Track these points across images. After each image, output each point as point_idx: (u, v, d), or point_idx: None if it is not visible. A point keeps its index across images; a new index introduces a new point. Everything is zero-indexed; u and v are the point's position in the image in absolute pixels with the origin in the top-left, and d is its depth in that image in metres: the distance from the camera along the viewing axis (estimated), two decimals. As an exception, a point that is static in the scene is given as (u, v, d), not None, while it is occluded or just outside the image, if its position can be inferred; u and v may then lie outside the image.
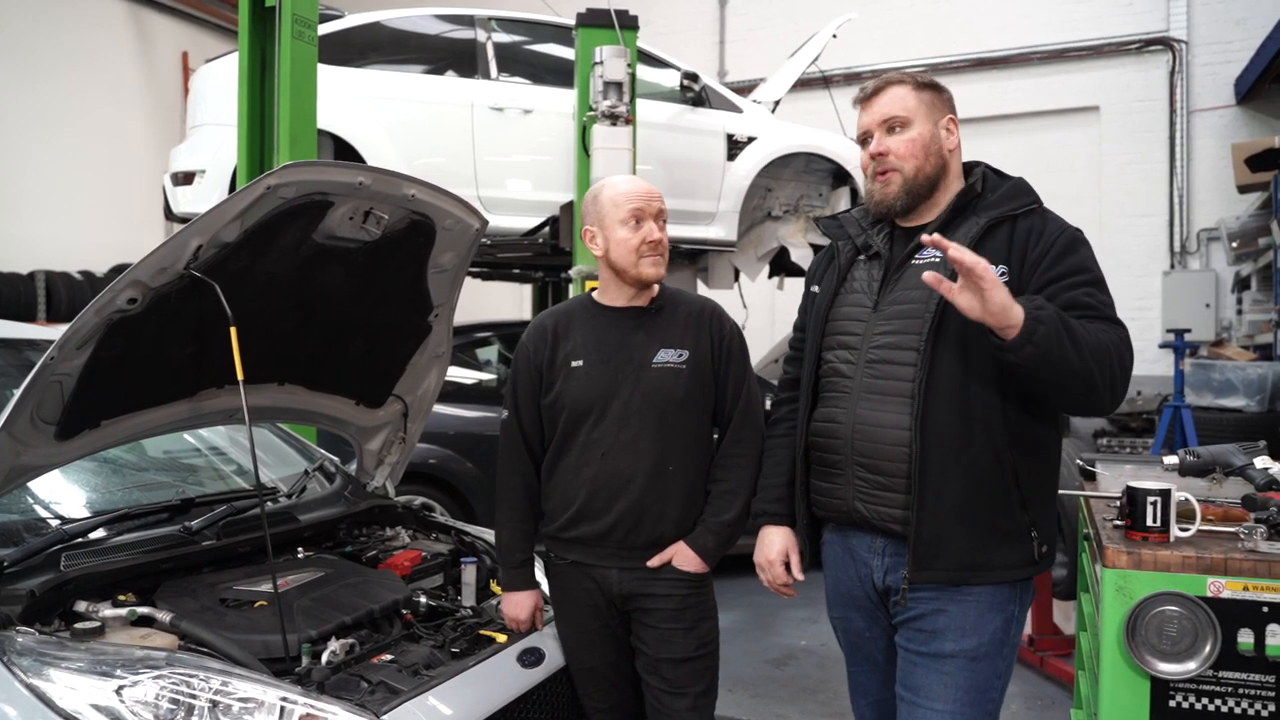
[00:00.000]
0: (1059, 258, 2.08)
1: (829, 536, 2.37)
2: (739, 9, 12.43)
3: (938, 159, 2.21)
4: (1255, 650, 2.06)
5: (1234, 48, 10.13)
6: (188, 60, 11.94)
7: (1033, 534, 2.14)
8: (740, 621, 5.66)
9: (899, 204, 2.21)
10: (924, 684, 2.14)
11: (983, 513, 2.09)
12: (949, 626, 2.12)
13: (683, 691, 2.50)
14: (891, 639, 2.26)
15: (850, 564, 2.29)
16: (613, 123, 5.78)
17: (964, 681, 2.11)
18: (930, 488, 2.08)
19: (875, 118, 2.23)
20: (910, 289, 2.17)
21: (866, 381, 2.19)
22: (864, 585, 2.27)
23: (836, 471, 2.24)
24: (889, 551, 2.20)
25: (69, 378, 2.22)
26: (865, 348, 2.20)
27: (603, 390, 2.50)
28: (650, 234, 2.51)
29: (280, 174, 2.27)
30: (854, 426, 2.18)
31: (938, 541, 2.09)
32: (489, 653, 2.48)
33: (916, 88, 2.22)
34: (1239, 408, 7.27)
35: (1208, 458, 2.72)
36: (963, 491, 2.08)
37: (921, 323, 2.11)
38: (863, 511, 2.20)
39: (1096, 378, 1.98)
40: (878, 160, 2.23)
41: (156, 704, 1.90)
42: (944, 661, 2.12)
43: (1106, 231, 10.55)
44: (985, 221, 2.12)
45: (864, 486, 2.18)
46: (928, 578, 2.11)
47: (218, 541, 2.64)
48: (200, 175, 6.02)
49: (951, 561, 2.10)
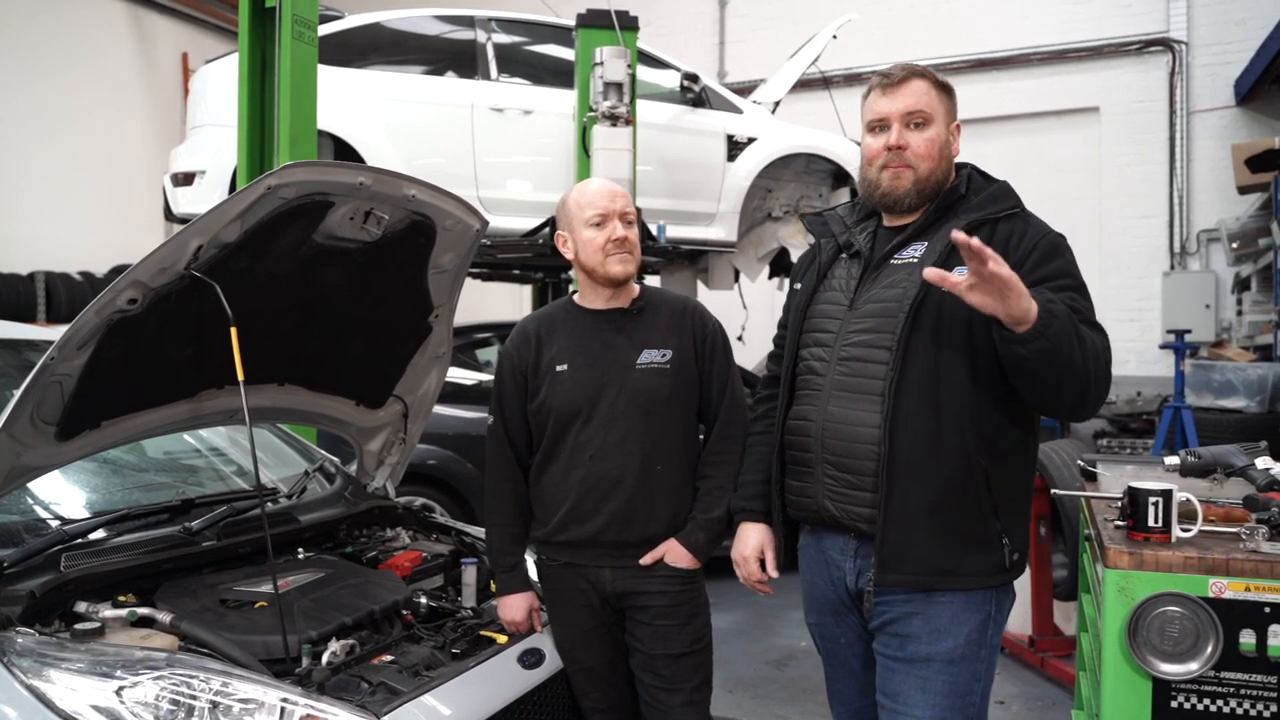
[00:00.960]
0: (1041, 262, 2.06)
1: (804, 539, 2.36)
2: (739, 10, 12.43)
3: (947, 164, 2.20)
4: (1257, 651, 2.05)
5: (1234, 48, 10.12)
6: (188, 61, 11.93)
7: (1004, 541, 2.12)
8: (740, 622, 5.66)
9: (907, 201, 2.17)
10: (902, 690, 2.12)
11: (952, 516, 2.07)
12: (922, 630, 2.10)
13: (677, 687, 2.51)
14: (868, 645, 2.24)
15: (824, 567, 2.27)
16: (613, 123, 5.78)
17: (942, 685, 2.09)
18: (898, 489, 2.06)
19: (900, 107, 2.16)
20: (887, 288, 2.15)
21: (838, 379, 2.17)
22: (836, 589, 2.25)
23: (807, 470, 2.22)
24: (860, 553, 2.18)
25: (69, 378, 2.22)
26: (838, 345, 2.19)
27: (589, 393, 2.51)
28: (614, 233, 2.52)
29: (280, 174, 2.27)
30: (824, 425, 2.17)
31: (905, 544, 2.07)
32: (489, 653, 2.48)
33: (936, 86, 2.19)
34: (1239, 408, 7.26)
35: (1209, 458, 2.72)
36: (931, 494, 2.06)
37: (895, 321, 2.09)
38: (832, 510, 2.18)
39: (1091, 382, 1.97)
40: (894, 153, 2.16)
41: (157, 705, 1.90)
42: (920, 666, 2.10)
43: (1106, 232, 10.55)
44: (965, 225, 2.07)
45: (833, 485, 2.17)
46: (894, 580, 2.09)
47: (218, 542, 2.64)
48: (200, 176, 6.02)
49: (919, 565, 2.08)
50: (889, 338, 2.10)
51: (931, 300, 2.06)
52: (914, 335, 2.07)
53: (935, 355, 2.07)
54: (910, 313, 2.07)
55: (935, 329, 2.06)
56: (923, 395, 2.06)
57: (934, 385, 2.06)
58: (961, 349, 2.06)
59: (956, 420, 2.06)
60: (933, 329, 2.06)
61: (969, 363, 2.06)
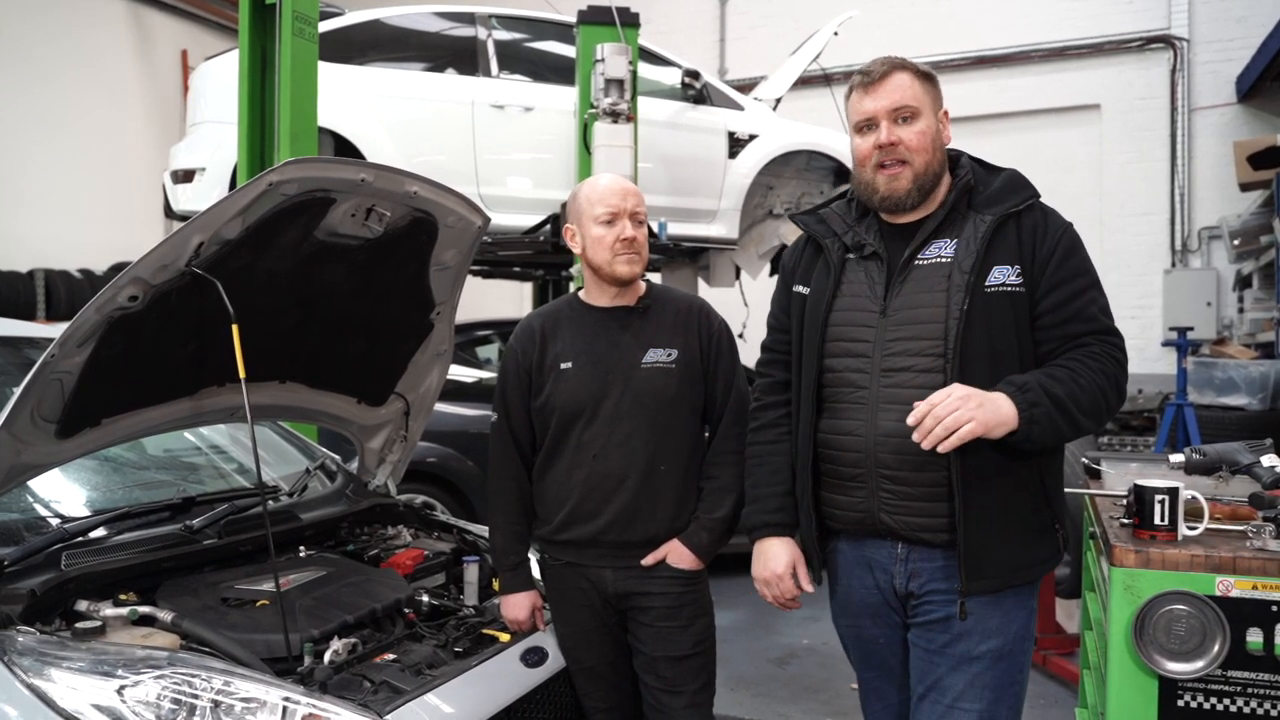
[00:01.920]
0: (1064, 259, 2.08)
1: (842, 546, 2.29)
2: (740, 7, 12.42)
3: (941, 154, 2.16)
4: (1265, 649, 2.05)
5: (1235, 46, 10.12)
6: (187, 58, 11.91)
7: (1056, 526, 2.16)
8: (742, 621, 5.65)
9: (910, 200, 2.13)
10: (951, 685, 2.12)
11: (1019, 514, 2.10)
12: (975, 628, 2.10)
13: (680, 689, 2.50)
14: (905, 643, 2.23)
15: (867, 572, 2.23)
16: (614, 120, 5.77)
17: (991, 680, 2.10)
18: (973, 499, 2.04)
19: (885, 104, 2.11)
20: (919, 292, 2.11)
21: (886, 391, 2.11)
22: (883, 592, 2.22)
23: (856, 485, 2.16)
24: (914, 558, 2.15)
25: (69, 376, 2.21)
26: (879, 356, 2.12)
27: (593, 391, 2.50)
28: (624, 232, 2.50)
29: (282, 170, 2.26)
30: (875, 439, 2.11)
31: (985, 551, 2.07)
32: (492, 652, 2.47)
33: (919, 76, 2.14)
34: (1241, 406, 7.26)
35: (1214, 456, 2.70)
36: (1002, 498, 2.07)
37: (941, 328, 2.05)
38: (889, 523, 2.14)
39: (1100, 421, 2.06)
40: (887, 150, 2.11)
41: (158, 704, 1.89)
42: (972, 663, 2.10)
43: (1108, 230, 10.54)
44: (992, 220, 2.08)
45: (890, 499, 2.12)
46: (980, 587, 2.08)
47: (219, 540, 2.63)
48: (200, 173, 6.01)
49: (999, 568, 2.09)
50: (936, 345, 2.06)
51: (978, 303, 2.04)
52: (967, 340, 2.03)
53: (991, 359, 2.04)
54: (961, 318, 2.03)
55: (988, 332, 2.04)
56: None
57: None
58: (1013, 350, 2.05)
59: None
60: (984, 332, 2.04)
61: (1019, 365, 2.05)
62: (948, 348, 2.04)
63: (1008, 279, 2.05)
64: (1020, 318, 2.05)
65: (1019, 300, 2.06)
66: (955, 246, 2.10)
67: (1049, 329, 2.07)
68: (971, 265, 2.05)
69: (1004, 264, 2.05)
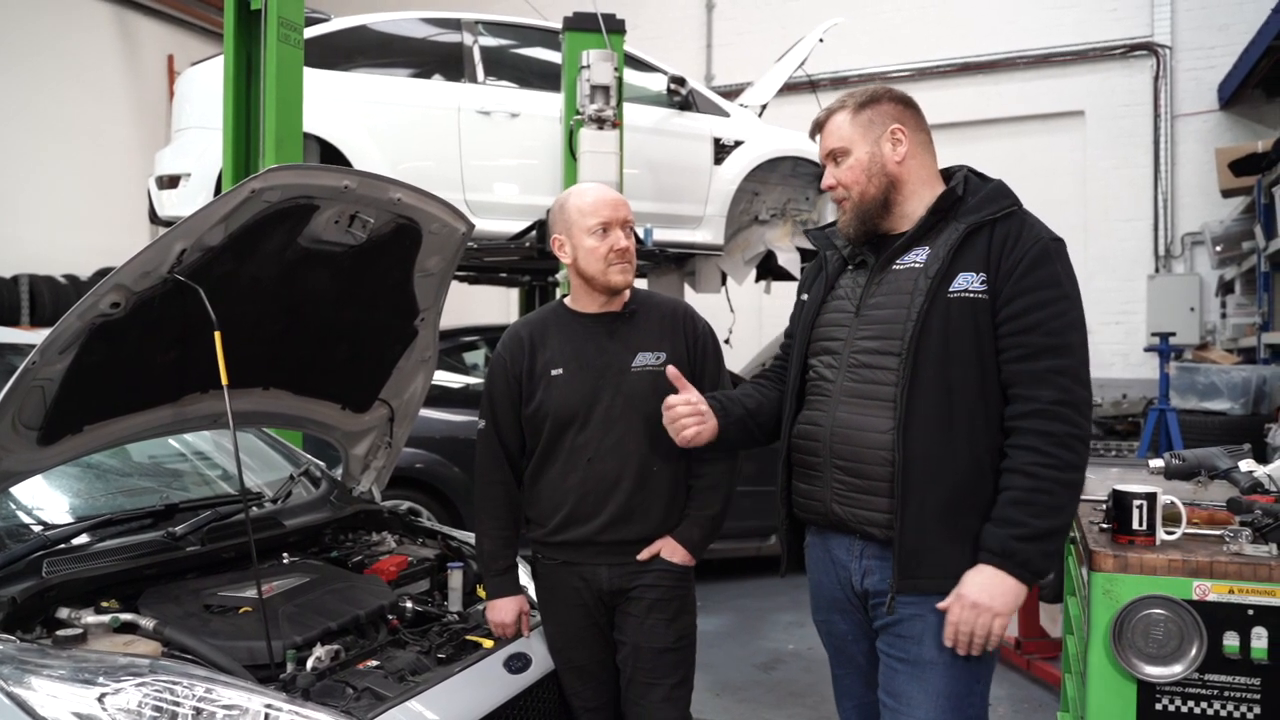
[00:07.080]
0: (1030, 269, 2.06)
1: (811, 539, 2.37)
2: (726, 13, 12.46)
3: (881, 178, 2.20)
4: (1240, 653, 2.07)
5: (1217, 53, 10.20)
6: (173, 63, 11.89)
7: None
8: (727, 626, 5.66)
9: (852, 229, 2.24)
10: (905, 691, 2.13)
11: (965, 521, 2.08)
12: (927, 632, 2.10)
13: (658, 682, 2.53)
14: (873, 642, 2.25)
15: (830, 567, 2.29)
16: (599, 126, 5.78)
17: (944, 688, 2.10)
18: (914, 496, 2.07)
19: (823, 150, 2.28)
20: (890, 294, 2.17)
21: (848, 385, 2.19)
22: (844, 589, 2.26)
23: (815, 474, 2.24)
24: (867, 554, 2.19)
25: (51, 383, 2.20)
26: (847, 352, 2.21)
27: (585, 397, 2.52)
28: (617, 243, 2.52)
29: (265, 177, 2.26)
30: (833, 429, 2.19)
31: (922, 550, 2.08)
32: (475, 658, 2.47)
33: (855, 110, 2.22)
34: (1223, 411, 7.31)
35: (1193, 461, 2.73)
36: (946, 500, 2.07)
37: (902, 328, 2.10)
38: (840, 514, 2.19)
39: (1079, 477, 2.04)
40: (831, 191, 2.28)
41: (140, 711, 1.88)
42: (924, 668, 2.11)
43: (1091, 236, 10.61)
44: (964, 228, 2.11)
45: (841, 489, 2.18)
46: (913, 586, 2.10)
47: (202, 547, 2.63)
48: (185, 179, 5.99)
49: (936, 570, 2.08)
50: (897, 344, 2.11)
51: (938, 307, 2.08)
52: (922, 342, 2.08)
53: (944, 362, 2.07)
54: (918, 320, 2.08)
55: (944, 335, 2.07)
56: (933, 401, 2.07)
57: (945, 391, 2.07)
58: (970, 355, 2.07)
59: (968, 425, 2.07)
60: (940, 335, 2.07)
61: (977, 369, 2.07)
62: (903, 348, 2.09)
63: (970, 285, 2.08)
64: (982, 325, 2.07)
65: (981, 307, 2.07)
66: (927, 253, 2.15)
67: (1007, 337, 2.07)
68: (936, 271, 2.09)
69: (970, 271, 2.08)
